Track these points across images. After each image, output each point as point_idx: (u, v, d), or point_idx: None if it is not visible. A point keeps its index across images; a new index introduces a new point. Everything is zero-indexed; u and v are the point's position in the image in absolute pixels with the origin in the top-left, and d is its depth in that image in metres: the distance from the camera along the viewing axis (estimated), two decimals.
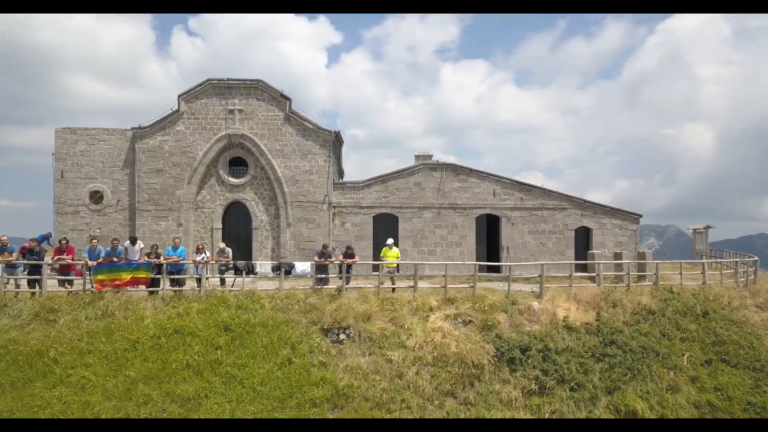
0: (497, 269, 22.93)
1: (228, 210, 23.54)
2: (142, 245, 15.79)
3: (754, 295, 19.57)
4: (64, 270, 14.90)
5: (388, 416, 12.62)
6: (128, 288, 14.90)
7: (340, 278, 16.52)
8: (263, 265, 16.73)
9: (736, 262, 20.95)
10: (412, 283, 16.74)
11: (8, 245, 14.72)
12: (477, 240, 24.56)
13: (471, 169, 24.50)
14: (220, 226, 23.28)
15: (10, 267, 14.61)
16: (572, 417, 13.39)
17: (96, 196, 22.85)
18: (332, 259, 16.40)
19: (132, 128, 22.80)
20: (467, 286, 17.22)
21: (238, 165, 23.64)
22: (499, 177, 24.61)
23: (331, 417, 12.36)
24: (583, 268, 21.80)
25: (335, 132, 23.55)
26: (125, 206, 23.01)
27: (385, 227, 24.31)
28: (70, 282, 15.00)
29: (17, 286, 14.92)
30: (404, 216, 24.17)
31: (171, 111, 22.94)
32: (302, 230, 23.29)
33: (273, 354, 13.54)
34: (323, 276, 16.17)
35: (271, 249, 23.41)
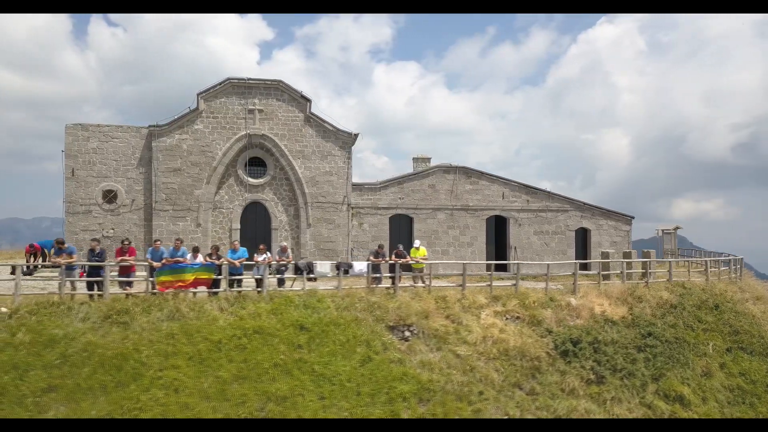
0: (504, 268, 24.02)
1: (246, 210, 23.35)
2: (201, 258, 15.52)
3: (743, 290, 21.69)
4: (124, 271, 14.54)
5: (470, 408, 13.27)
6: (191, 290, 14.74)
7: (388, 277, 17.04)
8: (322, 265, 16.91)
9: (730, 260, 23.03)
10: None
11: (67, 247, 14.22)
12: (487, 240, 25.62)
13: (482, 173, 25.53)
14: (239, 226, 23.07)
15: (68, 269, 14.12)
16: (628, 403, 14.56)
17: (109, 196, 22.08)
18: (387, 259, 16.83)
19: (149, 126, 22.20)
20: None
21: (255, 165, 23.50)
22: (507, 180, 25.78)
23: (420, 410, 12.87)
24: (582, 266, 23.27)
25: (354, 134, 23.89)
26: (140, 206, 22.37)
27: (400, 228, 24.92)
28: (130, 284, 14.65)
29: (74, 288, 14.42)
30: (419, 217, 24.85)
31: (189, 109, 22.52)
32: (322, 231, 23.48)
33: (350, 351, 13.87)
34: (378, 275, 16.61)
35: (290, 249, 23.41)
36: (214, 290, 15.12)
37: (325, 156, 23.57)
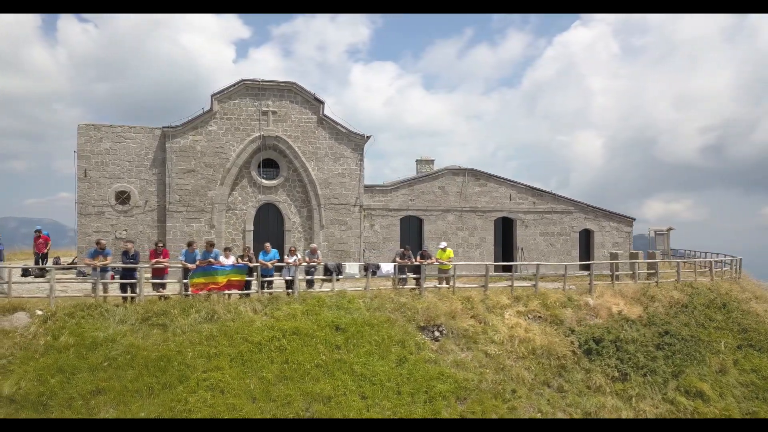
0: (509, 268, 24.48)
1: (259, 211, 23.36)
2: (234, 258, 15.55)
3: (744, 289, 22.48)
4: (158, 273, 14.53)
5: (505, 406, 13.63)
6: (225, 291, 14.80)
7: (412, 278, 17.34)
8: (351, 266, 17.11)
9: (732, 260, 23.83)
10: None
11: (105, 249, 14.16)
12: (494, 241, 26.05)
13: (490, 175, 25.95)
14: (252, 227, 23.08)
15: (102, 271, 14.07)
16: (651, 399, 15.09)
17: (122, 197, 21.89)
18: (413, 260, 17.09)
19: (163, 127, 22.07)
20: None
21: (268, 167, 23.52)
22: (514, 182, 26.25)
23: (460, 408, 13.18)
24: (584, 267, 23.87)
25: (366, 136, 24.09)
26: (153, 207, 22.23)
27: (410, 229, 25.21)
28: (163, 286, 14.64)
29: (105, 290, 14.36)
30: (429, 218, 25.16)
31: (203, 110, 22.46)
32: (335, 232, 23.63)
33: (386, 351, 14.11)
34: (404, 276, 16.88)
35: (302, 251, 23.49)
36: (246, 292, 15.20)
37: (338, 158, 23.73)
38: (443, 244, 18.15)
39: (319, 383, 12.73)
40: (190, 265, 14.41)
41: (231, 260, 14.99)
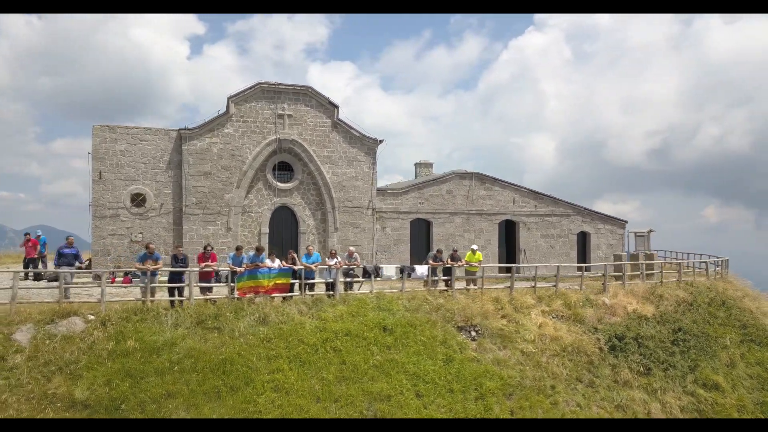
0: (508, 269, 25.37)
1: (274, 214, 23.47)
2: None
3: (736, 288, 23.98)
4: (205, 277, 14.61)
5: (548, 401, 14.35)
6: (273, 294, 15.00)
7: (443, 280, 17.91)
8: (388, 269, 17.50)
9: (722, 261, 25.36)
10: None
11: (154, 252, 14.15)
12: (498, 243, 26.91)
13: (494, 179, 26.80)
14: (267, 230, 23.18)
15: (152, 275, 14.06)
16: (673, 392, 16.11)
17: (138, 199, 21.64)
18: (445, 262, 17.64)
19: (179, 129, 21.94)
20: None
21: (282, 170, 23.67)
22: (517, 186, 27.18)
23: (509, 404, 13.81)
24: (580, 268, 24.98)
25: (379, 140, 24.52)
26: (169, 210, 22.06)
27: (419, 232, 25.80)
28: (210, 289, 14.73)
29: (152, 294, 14.33)
30: (437, 221, 25.80)
31: (219, 113, 22.44)
32: (348, 234, 23.97)
33: (433, 351, 14.62)
34: (436, 278, 17.44)
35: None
36: (289, 294, 15.43)
37: (351, 161, 24.08)
38: (475, 246, 18.76)
39: (377, 383, 13.12)
40: (238, 269, 14.55)
41: (276, 264, 15.19)
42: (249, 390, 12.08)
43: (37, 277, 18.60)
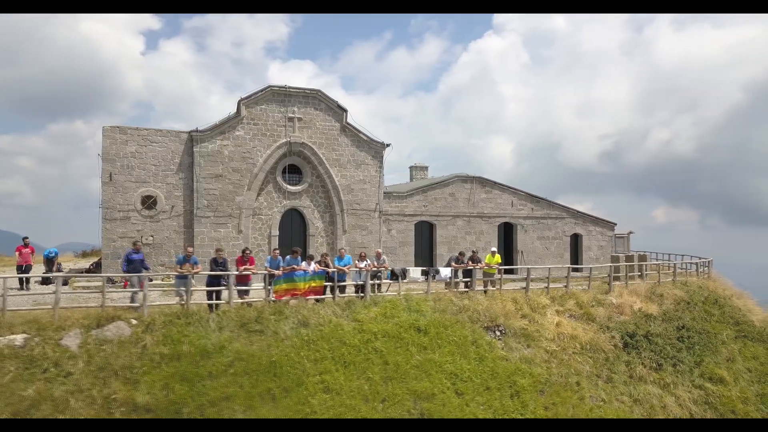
0: (510, 271, 26.20)
1: (283, 217, 23.57)
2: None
3: (724, 287, 25.44)
4: (242, 280, 14.71)
5: (575, 396, 15.06)
6: (310, 297, 15.22)
7: (461, 281, 18.46)
8: (414, 271, 17.91)
9: (708, 262, 26.80)
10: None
11: (192, 256, 14.17)
12: (498, 245, 27.64)
13: (494, 182, 27.55)
14: (277, 233, 23.25)
15: (186, 278, 14.08)
16: (683, 385, 17.09)
17: (149, 201, 21.40)
18: (466, 264, 18.19)
19: (190, 131, 21.80)
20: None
21: (291, 172, 23.79)
22: (515, 190, 28.02)
23: (542, 400, 14.45)
24: (574, 269, 26.06)
25: (386, 144, 24.91)
26: (180, 212, 21.89)
27: (422, 234, 26.31)
28: (247, 292, 14.85)
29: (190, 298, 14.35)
30: (440, 223, 26.36)
31: (230, 115, 22.40)
32: (356, 237, 24.27)
33: (465, 350, 15.13)
34: (458, 280, 17.97)
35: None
36: (322, 296, 15.67)
37: (359, 165, 24.39)
38: (494, 249, 19.37)
39: (420, 382, 13.54)
40: (276, 272, 14.72)
41: (312, 267, 15.41)
42: (301, 391, 12.32)
43: (45, 281, 18.26)
